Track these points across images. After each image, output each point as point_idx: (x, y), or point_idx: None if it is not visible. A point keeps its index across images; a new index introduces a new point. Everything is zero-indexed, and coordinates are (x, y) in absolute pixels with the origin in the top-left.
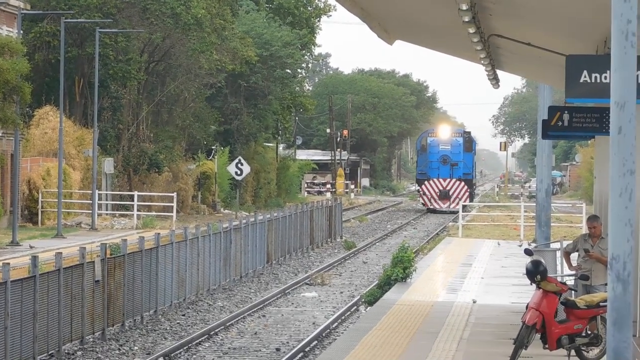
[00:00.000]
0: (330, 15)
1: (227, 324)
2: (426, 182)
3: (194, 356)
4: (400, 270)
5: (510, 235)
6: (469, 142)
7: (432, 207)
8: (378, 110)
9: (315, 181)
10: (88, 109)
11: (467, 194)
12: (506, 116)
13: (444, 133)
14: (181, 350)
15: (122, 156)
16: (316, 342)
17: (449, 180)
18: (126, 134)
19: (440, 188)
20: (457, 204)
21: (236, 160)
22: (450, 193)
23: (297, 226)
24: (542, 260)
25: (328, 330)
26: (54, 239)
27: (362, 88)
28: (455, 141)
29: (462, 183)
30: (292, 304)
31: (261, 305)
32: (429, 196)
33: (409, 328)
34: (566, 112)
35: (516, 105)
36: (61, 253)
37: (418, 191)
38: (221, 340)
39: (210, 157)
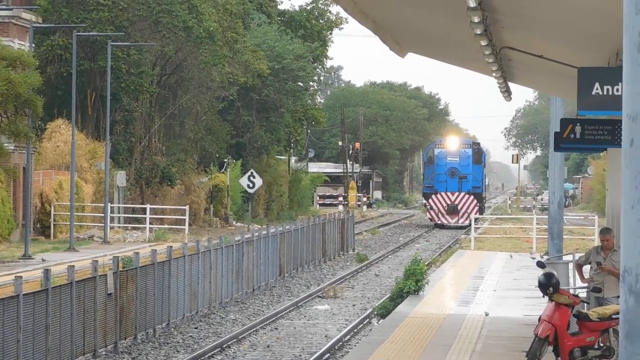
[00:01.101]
0: (342, 28)
1: (240, 337)
2: (433, 196)
3: None
4: (412, 282)
5: (523, 247)
6: (478, 153)
7: (439, 222)
8: (390, 122)
9: (327, 194)
10: (100, 122)
11: (477, 208)
12: (518, 128)
13: (452, 144)
14: None
15: (134, 169)
16: (328, 355)
17: (457, 194)
18: (138, 147)
19: (448, 202)
20: (466, 219)
21: (248, 173)
22: (459, 208)
23: (309, 239)
24: (555, 273)
25: (340, 343)
26: (67, 252)
27: (374, 101)
28: (464, 153)
29: (471, 197)
30: (305, 316)
31: (273, 318)
32: (437, 211)
33: (422, 341)
34: (578, 124)
35: (528, 117)
36: (73, 266)
37: (425, 205)
38: (233, 353)
39: (223, 170)
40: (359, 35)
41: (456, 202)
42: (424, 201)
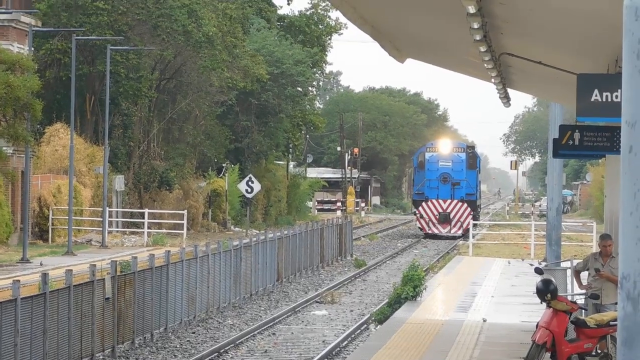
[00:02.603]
0: (342, 34)
1: (237, 342)
2: (424, 204)
3: None
4: (410, 288)
5: (521, 254)
6: (472, 157)
7: (430, 231)
8: (389, 128)
9: (326, 199)
10: (99, 127)
11: (470, 217)
12: (517, 135)
13: (444, 148)
14: None
15: (132, 173)
16: None
17: (449, 201)
18: (137, 151)
19: (440, 210)
20: (459, 228)
21: (247, 178)
22: (451, 216)
23: (307, 244)
24: (553, 279)
25: (338, 349)
26: (64, 256)
27: (372, 106)
28: (457, 157)
29: (465, 205)
30: (302, 322)
31: (271, 323)
32: (427, 220)
33: (419, 347)
34: (577, 131)
35: (527, 123)
36: (71, 270)
37: (414, 214)
38: (231, 358)
39: (221, 175)
40: (358, 41)
41: (448, 210)
42: (414, 209)
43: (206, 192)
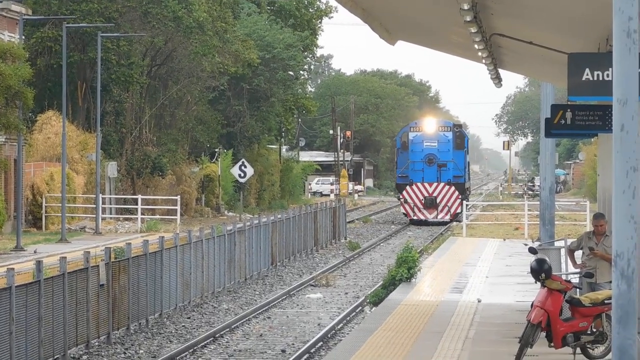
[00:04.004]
0: (332, 17)
1: (233, 327)
2: (408, 188)
3: (200, 359)
4: (404, 270)
5: (515, 234)
6: (460, 137)
7: (415, 217)
8: (381, 111)
9: (320, 183)
10: (91, 114)
11: (458, 201)
12: (509, 115)
13: (429, 127)
14: (187, 353)
15: (125, 160)
16: (321, 343)
17: (435, 184)
18: (129, 137)
19: (426, 195)
20: (447, 213)
21: (239, 163)
22: (438, 201)
23: (301, 228)
24: (547, 259)
25: (333, 331)
26: (58, 243)
27: (364, 89)
28: (443, 137)
29: (452, 188)
30: (297, 305)
31: (266, 307)
32: (412, 205)
33: (414, 328)
34: (569, 110)
35: (519, 104)
36: (65, 257)
37: (398, 198)
38: (226, 342)
39: (214, 160)
40: (348, 24)
41: (434, 194)
42: (397, 194)
43: (199, 177)
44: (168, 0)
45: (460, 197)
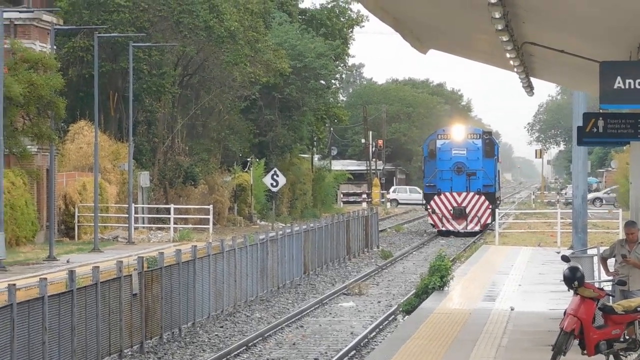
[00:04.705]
0: (363, 26)
1: (265, 335)
2: (436, 197)
3: None
4: (437, 278)
5: (547, 242)
6: (489, 145)
7: (444, 228)
8: (412, 119)
9: (351, 191)
10: (123, 123)
11: (489, 211)
12: (541, 123)
13: (457, 134)
14: None
15: (157, 169)
16: (354, 352)
17: (465, 194)
18: (161, 147)
19: (454, 204)
20: (477, 224)
21: (272, 172)
22: (467, 211)
23: (333, 236)
24: (580, 267)
25: (366, 340)
26: (91, 253)
27: (396, 98)
28: (472, 145)
29: (482, 197)
30: (330, 314)
31: (299, 316)
32: (440, 215)
33: (447, 336)
34: (601, 118)
35: (551, 112)
36: (98, 267)
37: (426, 208)
38: (259, 351)
39: (246, 169)
40: (380, 33)
41: (464, 204)
42: (425, 203)
43: (231, 186)
44: (200, 10)
45: (490, 207)
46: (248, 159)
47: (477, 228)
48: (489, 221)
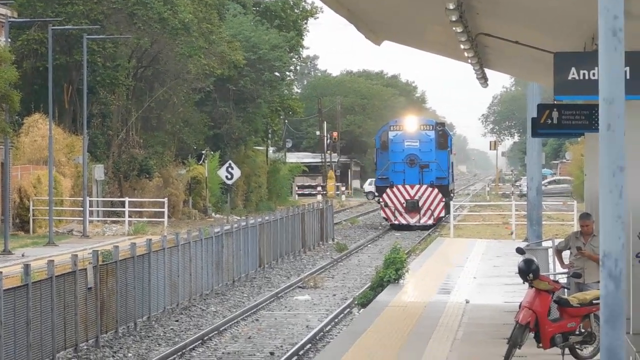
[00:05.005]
0: (317, 18)
1: (221, 329)
2: (388, 190)
3: None
4: (392, 271)
5: (502, 234)
6: (443, 136)
7: (397, 222)
8: (367, 111)
9: (306, 184)
10: (77, 116)
11: (442, 204)
12: (496, 115)
13: (410, 125)
14: (175, 356)
15: (112, 162)
16: (310, 345)
17: (417, 186)
18: (116, 140)
19: (407, 197)
20: (430, 217)
21: (226, 165)
22: (420, 204)
23: (288, 229)
24: (534, 259)
25: (322, 333)
26: (46, 247)
27: (350, 90)
28: (425, 136)
29: (435, 190)
30: (285, 307)
31: (254, 310)
32: (393, 209)
33: (403, 329)
34: (555, 109)
35: (505, 103)
36: (53, 261)
37: (378, 202)
38: (215, 345)
39: (201, 162)
40: (334, 24)
41: (416, 197)
42: (377, 196)
43: (186, 179)
44: (153, 2)
45: (444, 199)
46: (203, 152)
47: (431, 221)
48: (442, 214)
